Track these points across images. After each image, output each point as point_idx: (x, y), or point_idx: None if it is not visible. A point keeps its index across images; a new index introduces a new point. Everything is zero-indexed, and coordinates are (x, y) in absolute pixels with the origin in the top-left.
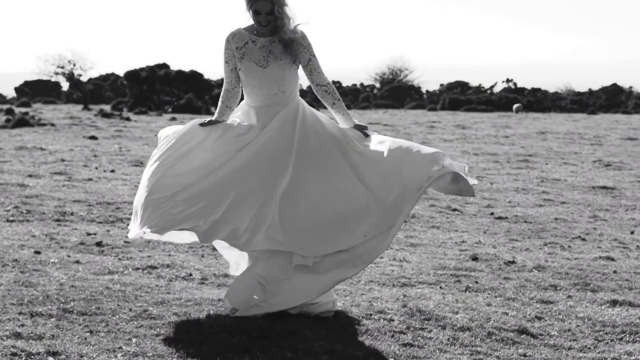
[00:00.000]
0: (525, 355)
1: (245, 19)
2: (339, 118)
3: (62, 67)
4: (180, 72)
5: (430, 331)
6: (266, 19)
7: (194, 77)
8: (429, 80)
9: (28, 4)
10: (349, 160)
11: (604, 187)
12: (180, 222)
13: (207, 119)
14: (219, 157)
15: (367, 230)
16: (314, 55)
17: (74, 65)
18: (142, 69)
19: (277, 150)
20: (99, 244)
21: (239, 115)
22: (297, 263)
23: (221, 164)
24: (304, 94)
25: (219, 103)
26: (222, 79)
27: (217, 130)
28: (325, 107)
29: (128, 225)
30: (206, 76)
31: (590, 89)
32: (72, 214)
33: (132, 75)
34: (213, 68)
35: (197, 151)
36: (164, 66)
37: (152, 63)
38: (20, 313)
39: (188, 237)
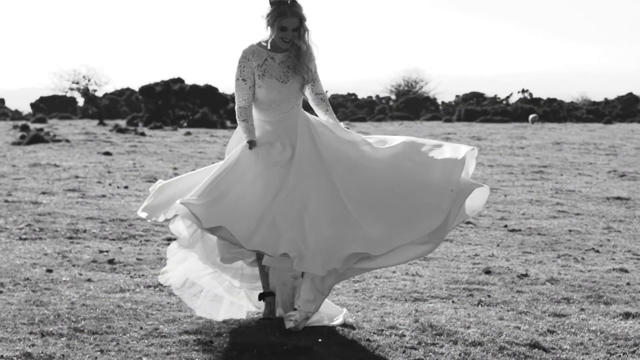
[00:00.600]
0: None
1: (260, 34)
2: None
3: (77, 83)
4: (195, 87)
5: (441, 346)
6: (290, 35)
7: (209, 92)
8: (444, 92)
9: (43, 20)
10: (379, 158)
11: (619, 198)
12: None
13: (246, 141)
14: (272, 182)
15: (454, 185)
16: (316, 66)
17: (89, 80)
18: (156, 84)
19: (312, 166)
20: (111, 261)
21: (258, 132)
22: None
23: (277, 189)
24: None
25: (242, 123)
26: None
27: (263, 152)
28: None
29: (140, 241)
30: (221, 90)
31: (606, 99)
32: (84, 231)
33: (147, 90)
34: (227, 82)
35: (253, 176)
36: (179, 81)
37: (166, 77)
38: (31, 333)
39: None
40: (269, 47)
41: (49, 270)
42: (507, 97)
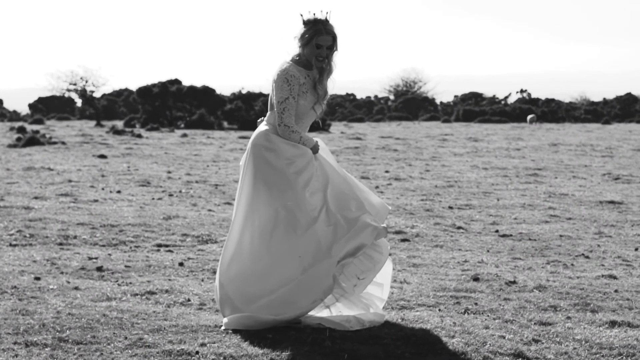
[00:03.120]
0: None
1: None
2: None
3: (74, 84)
4: (192, 88)
5: (425, 356)
6: (325, 53)
7: (206, 93)
8: (443, 92)
9: (43, 20)
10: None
11: (611, 202)
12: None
13: (310, 144)
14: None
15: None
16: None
17: (86, 82)
18: (154, 85)
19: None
20: (99, 268)
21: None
22: None
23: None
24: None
25: (300, 135)
26: (234, 95)
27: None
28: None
29: (131, 247)
30: (218, 91)
31: (604, 99)
32: (75, 237)
33: (144, 91)
34: (225, 83)
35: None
36: (176, 82)
37: (164, 79)
38: (15, 343)
39: None
40: (301, 66)
41: (37, 278)
42: (506, 97)
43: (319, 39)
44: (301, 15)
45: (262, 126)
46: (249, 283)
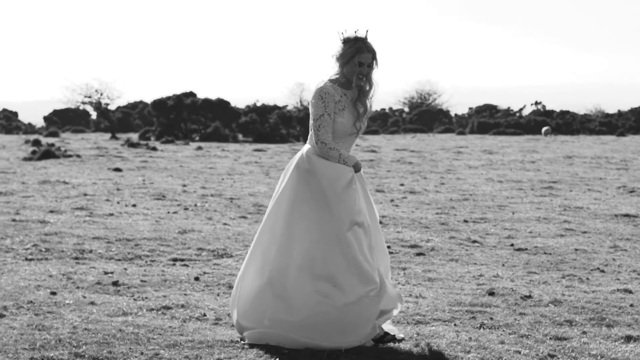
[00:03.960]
0: None
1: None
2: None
3: (89, 97)
4: (207, 101)
5: None
6: (366, 71)
7: (221, 105)
8: (457, 104)
9: (57, 33)
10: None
11: (627, 215)
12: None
13: (352, 162)
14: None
15: None
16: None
17: (101, 94)
18: (169, 98)
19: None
20: (115, 283)
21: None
22: None
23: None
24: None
25: (339, 152)
26: (249, 107)
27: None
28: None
29: (146, 262)
30: (233, 104)
31: (619, 110)
32: (90, 251)
33: (159, 104)
34: (239, 95)
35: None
36: (191, 94)
37: (179, 91)
38: (31, 358)
39: None
40: (340, 85)
41: (53, 293)
42: (521, 109)
43: (360, 56)
44: (341, 33)
45: (305, 147)
46: (278, 303)
